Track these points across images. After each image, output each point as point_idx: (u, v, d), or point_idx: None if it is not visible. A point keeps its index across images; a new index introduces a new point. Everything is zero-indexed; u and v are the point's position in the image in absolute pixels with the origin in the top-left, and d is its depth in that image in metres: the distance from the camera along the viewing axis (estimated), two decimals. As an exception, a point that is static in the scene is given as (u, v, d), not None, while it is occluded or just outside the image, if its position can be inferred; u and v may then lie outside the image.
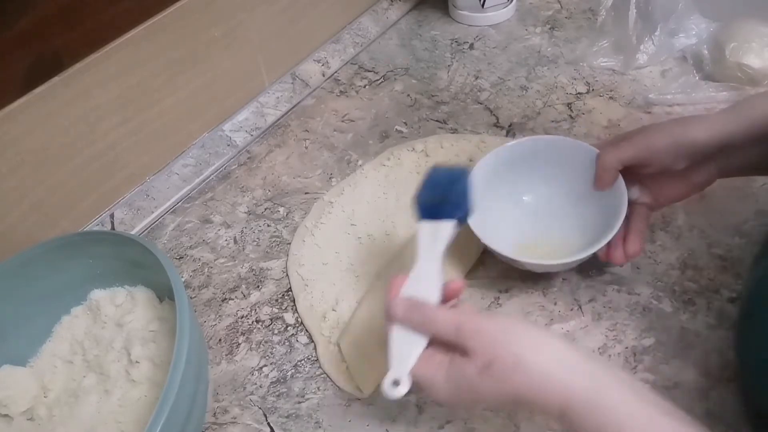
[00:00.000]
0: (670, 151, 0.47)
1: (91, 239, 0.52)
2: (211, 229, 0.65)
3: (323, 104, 0.78)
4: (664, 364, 0.47)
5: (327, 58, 0.83)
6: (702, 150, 0.46)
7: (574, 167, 0.54)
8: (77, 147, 0.59)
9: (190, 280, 0.60)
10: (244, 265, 0.61)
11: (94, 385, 0.49)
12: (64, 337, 0.53)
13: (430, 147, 0.68)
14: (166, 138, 0.68)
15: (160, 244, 0.64)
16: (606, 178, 0.51)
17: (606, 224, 0.50)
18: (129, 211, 0.65)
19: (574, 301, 0.53)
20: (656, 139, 0.47)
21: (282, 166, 0.71)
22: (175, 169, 0.69)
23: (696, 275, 0.53)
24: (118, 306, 0.53)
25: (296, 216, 0.65)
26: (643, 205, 0.52)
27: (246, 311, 0.57)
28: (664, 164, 0.48)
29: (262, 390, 0.51)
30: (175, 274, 0.45)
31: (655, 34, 0.74)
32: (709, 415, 0.44)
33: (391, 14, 0.91)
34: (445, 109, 0.75)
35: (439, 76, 0.80)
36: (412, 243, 0.57)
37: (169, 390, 0.38)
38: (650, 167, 0.49)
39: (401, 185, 0.65)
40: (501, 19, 0.87)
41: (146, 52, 0.62)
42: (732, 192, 0.58)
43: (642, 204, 0.52)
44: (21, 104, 0.53)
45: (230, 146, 0.73)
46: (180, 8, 0.63)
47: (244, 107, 0.76)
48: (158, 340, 0.50)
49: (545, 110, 0.72)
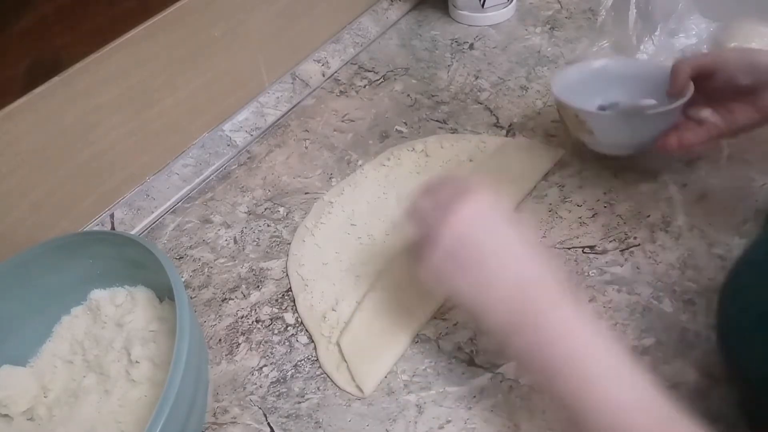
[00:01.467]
0: (738, 63, 0.53)
1: (91, 239, 0.52)
2: (211, 229, 0.65)
3: (323, 104, 0.78)
4: (664, 364, 0.47)
5: (327, 58, 0.83)
6: (766, 70, 0.51)
7: (651, 86, 0.59)
8: (77, 147, 0.59)
9: (190, 280, 0.60)
10: (244, 265, 0.61)
11: (94, 385, 0.49)
12: (64, 337, 0.53)
13: (430, 147, 0.68)
14: (166, 138, 0.68)
15: (160, 244, 0.64)
16: (679, 82, 0.55)
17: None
18: (129, 211, 0.65)
19: (574, 301, 0.53)
20: (726, 53, 0.56)
21: (282, 166, 0.71)
22: (175, 169, 0.69)
23: (696, 275, 0.53)
24: (118, 306, 0.53)
25: (296, 216, 0.65)
26: (714, 127, 0.55)
27: (246, 311, 0.57)
28: (729, 75, 0.53)
29: (262, 390, 0.51)
30: (175, 274, 0.45)
31: (655, 34, 0.74)
32: (709, 415, 0.44)
33: (391, 14, 0.91)
34: (445, 109, 0.75)
35: (439, 76, 0.80)
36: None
37: (169, 390, 0.38)
38: (717, 78, 0.54)
39: (401, 185, 0.65)
40: (501, 19, 0.88)
41: (146, 52, 0.62)
42: (732, 192, 0.58)
43: (713, 125, 0.55)
44: (21, 104, 0.53)
45: (230, 146, 0.73)
46: (180, 8, 0.63)
47: (244, 107, 0.76)
48: (158, 340, 0.50)
49: (545, 110, 0.72)
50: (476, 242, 0.42)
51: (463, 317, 0.53)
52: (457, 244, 0.42)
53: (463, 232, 0.42)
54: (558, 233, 0.58)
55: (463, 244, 0.42)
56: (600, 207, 0.60)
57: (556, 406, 0.41)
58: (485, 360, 0.50)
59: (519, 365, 0.44)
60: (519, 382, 0.48)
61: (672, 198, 0.59)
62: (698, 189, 0.59)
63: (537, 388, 0.46)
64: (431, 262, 0.43)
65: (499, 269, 0.41)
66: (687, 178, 0.60)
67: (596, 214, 0.59)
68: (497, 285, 0.41)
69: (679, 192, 0.59)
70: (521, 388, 0.48)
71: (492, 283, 0.41)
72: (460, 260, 0.42)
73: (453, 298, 0.43)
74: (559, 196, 0.61)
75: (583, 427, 0.35)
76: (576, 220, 0.59)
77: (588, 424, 0.35)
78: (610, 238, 0.57)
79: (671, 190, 0.60)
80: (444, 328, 0.52)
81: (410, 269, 0.46)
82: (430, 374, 0.50)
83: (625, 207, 0.59)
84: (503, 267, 0.41)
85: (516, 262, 0.42)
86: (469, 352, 0.51)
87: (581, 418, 0.35)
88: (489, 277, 0.41)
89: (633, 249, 0.55)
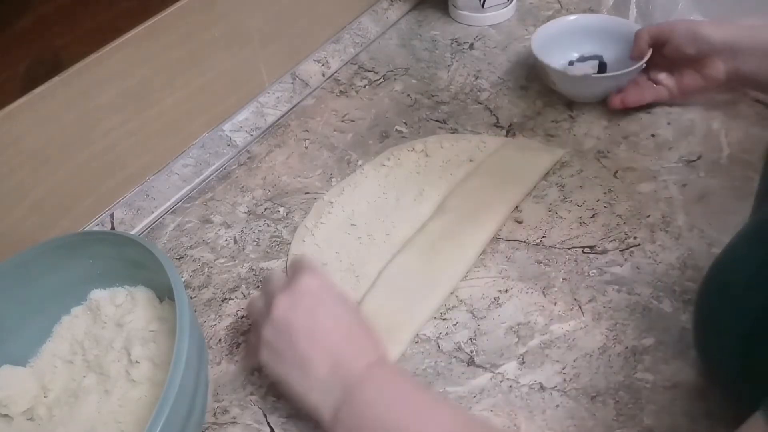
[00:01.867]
0: (685, 34, 0.62)
1: (91, 239, 0.52)
2: (211, 229, 0.65)
3: (323, 104, 0.78)
4: (664, 364, 0.47)
5: (327, 58, 0.83)
6: (707, 41, 0.60)
7: (618, 42, 0.71)
8: (77, 147, 0.59)
9: (190, 280, 0.60)
10: (244, 265, 0.61)
11: (94, 385, 0.49)
12: (64, 337, 0.52)
13: (430, 147, 0.68)
14: (166, 138, 0.68)
15: (160, 244, 0.64)
16: (639, 47, 0.66)
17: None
18: (129, 211, 0.65)
19: (574, 301, 0.53)
20: (677, 24, 0.64)
21: (282, 166, 0.71)
22: (175, 169, 0.69)
23: (696, 275, 0.53)
24: (118, 306, 0.53)
25: (296, 216, 0.65)
26: (665, 89, 0.66)
27: (246, 311, 0.57)
28: (678, 44, 0.62)
29: (262, 390, 0.51)
30: (175, 274, 0.45)
31: None
32: (709, 415, 0.44)
33: (391, 14, 0.91)
34: (445, 109, 0.75)
35: (439, 76, 0.80)
36: (414, 239, 0.58)
37: (169, 390, 0.38)
38: (669, 47, 0.63)
39: (401, 185, 0.65)
40: (501, 19, 0.88)
41: (146, 52, 0.62)
42: (732, 192, 0.58)
43: (665, 87, 0.65)
44: (21, 104, 0.53)
45: (230, 146, 0.73)
46: (180, 8, 0.63)
47: (244, 107, 0.76)
48: (158, 340, 0.50)
49: (545, 110, 0.72)
50: (289, 327, 0.43)
51: (463, 317, 0.53)
52: (274, 332, 0.43)
53: (279, 320, 0.43)
54: (558, 233, 0.58)
55: (278, 331, 0.43)
56: (600, 207, 0.60)
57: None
58: (485, 360, 0.50)
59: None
60: (519, 382, 0.48)
61: (672, 198, 0.59)
62: (698, 189, 0.59)
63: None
64: (262, 355, 0.44)
65: (310, 350, 0.42)
66: (687, 178, 0.60)
67: (596, 214, 0.59)
68: (310, 366, 0.41)
69: (679, 192, 0.59)
70: (521, 388, 0.48)
71: (304, 365, 0.42)
72: (275, 346, 0.43)
73: (279, 386, 0.44)
74: (559, 196, 0.61)
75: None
76: (576, 220, 0.59)
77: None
78: (610, 238, 0.57)
79: (671, 190, 0.60)
80: (444, 328, 0.52)
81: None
82: (430, 374, 0.49)
83: (625, 207, 0.59)
84: (314, 347, 0.42)
85: (326, 338, 0.42)
86: (469, 352, 0.51)
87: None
88: (302, 359, 0.42)
89: (633, 249, 0.55)
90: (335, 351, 0.42)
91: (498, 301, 0.54)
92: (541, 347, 0.50)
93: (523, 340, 0.51)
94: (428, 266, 0.55)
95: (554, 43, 0.73)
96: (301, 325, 0.43)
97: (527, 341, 0.50)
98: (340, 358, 0.41)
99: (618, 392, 0.46)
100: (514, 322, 0.52)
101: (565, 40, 0.74)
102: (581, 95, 0.70)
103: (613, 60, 0.72)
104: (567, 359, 0.49)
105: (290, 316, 0.43)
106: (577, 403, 0.46)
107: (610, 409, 0.45)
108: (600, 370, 0.48)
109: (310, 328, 0.43)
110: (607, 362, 0.48)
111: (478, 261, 0.57)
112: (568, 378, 0.48)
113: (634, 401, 0.46)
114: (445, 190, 0.63)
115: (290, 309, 0.43)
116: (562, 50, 0.73)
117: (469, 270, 0.56)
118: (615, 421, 0.45)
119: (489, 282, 0.55)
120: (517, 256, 0.57)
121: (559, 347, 0.50)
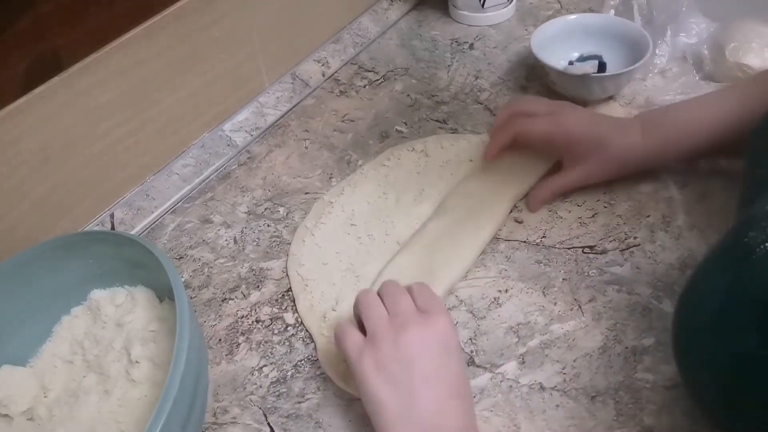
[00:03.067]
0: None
1: (91, 239, 0.52)
2: (211, 229, 0.65)
3: (323, 104, 0.78)
4: (664, 364, 0.47)
5: (327, 58, 0.83)
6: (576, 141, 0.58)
7: (618, 42, 0.73)
8: (77, 147, 0.59)
9: (190, 280, 0.60)
10: (244, 265, 0.61)
11: (94, 385, 0.49)
12: (64, 337, 0.52)
13: (430, 147, 0.68)
14: (166, 138, 0.68)
15: (160, 244, 0.64)
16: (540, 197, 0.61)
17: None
18: (129, 211, 0.65)
19: (574, 301, 0.53)
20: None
21: (282, 166, 0.71)
22: (175, 169, 0.69)
23: (696, 275, 0.53)
24: (118, 306, 0.53)
25: (296, 216, 0.65)
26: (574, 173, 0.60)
27: (246, 311, 0.57)
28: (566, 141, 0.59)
29: (262, 390, 0.51)
30: (175, 274, 0.45)
31: (666, 38, 0.74)
32: (709, 415, 0.44)
33: (391, 14, 0.91)
34: (445, 109, 0.75)
35: (439, 76, 0.80)
36: (414, 239, 0.58)
37: (169, 390, 0.38)
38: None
39: (401, 185, 0.65)
40: (501, 19, 0.88)
41: (146, 52, 0.62)
42: (732, 192, 0.58)
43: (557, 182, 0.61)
44: (21, 104, 0.53)
45: (230, 146, 0.73)
46: (180, 8, 0.63)
47: (244, 107, 0.76)
48: (158, 340, 0.50)
49: (545, 110, 0.72)
50: (412, 362, 0.42)
51: (463, 317, 0.53)
52: (394, 354, 0.43)
53: (406, 348, 0.43)
54: (558, 233, 0.58)
55: (400, 356, 0.43)
56: (600, 207, 0.60)
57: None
58: (485, 360, 0.50)
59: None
60: (519, 382, 0.48)
61: (672, 198, 0.59)
62: (698, 189, 0.59)
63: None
64: (361, 360, 0.43)
65: (423, 391, 0.42)
66: (687, 178, 0.60)
67: (596, 214, 0.59)
68: (417, 405, 0.41)
69: (679, 192, 0.59)
70: (521, 388, 0.48)
71: (412, 401, 0.42)
72: (388, 367, 0.42)
73: (366, 400, 0.43)
74: (559, 196, 0.61)
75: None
76: (576, 220, 0.59)
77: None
78: (610, 238, 0.57)
79: (671, 190, 0.60)
80: (444, 328, 0.52)
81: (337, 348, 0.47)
82: (430, 374, 0.49)
83: (625, 207, 0.59)
84: (428, 391, 0.42)
85: (440, 388, 0.42)
86: (469, 352, 0.51)
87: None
88: (411, 394, 0.42)
89: (633, 249, 0.55)
90: (442, 404, 0.42)
91: (498, 301, 0.54)
92: (541, 347, 0.50)
93: (523, 340, 0.51)
94: (428, 266, 0.55)
95: (554, 42, 0.73)
96: (425, 366, 0.42)
97: (527, 341, 0.50)
98: (444, 413, 0.42)
99: (618, 392, 0.46)
100: (514, 322, 0.52)
101: (565, 40, 0.74)
102: (581, 95, 0.70)
103: (613, 60, 0.72)
104: (567, 359, 0.49)
105: (417, 351, 0.43)
106: (577, 403, 0.46)
107: (610, 409, 0.46)
108: (600, 370, 0.48)
109: (431, 371, 0.42)
110: (607, 362, 0.48)
111: (478, 261, 0.57)
112: (568, 378, 0.48)
113: (634, 401, 0.46)
114: (445, 190, 0.63)
115: (420, 344, 0.43)
116: (562, 50, 0.74)
117: (469, 270, 0.56)
118: (615, 421, 0.45)
119: (489, 282, 0.55)
120: (517, 256, 0.57)
121: (559, 347, 0.50)
